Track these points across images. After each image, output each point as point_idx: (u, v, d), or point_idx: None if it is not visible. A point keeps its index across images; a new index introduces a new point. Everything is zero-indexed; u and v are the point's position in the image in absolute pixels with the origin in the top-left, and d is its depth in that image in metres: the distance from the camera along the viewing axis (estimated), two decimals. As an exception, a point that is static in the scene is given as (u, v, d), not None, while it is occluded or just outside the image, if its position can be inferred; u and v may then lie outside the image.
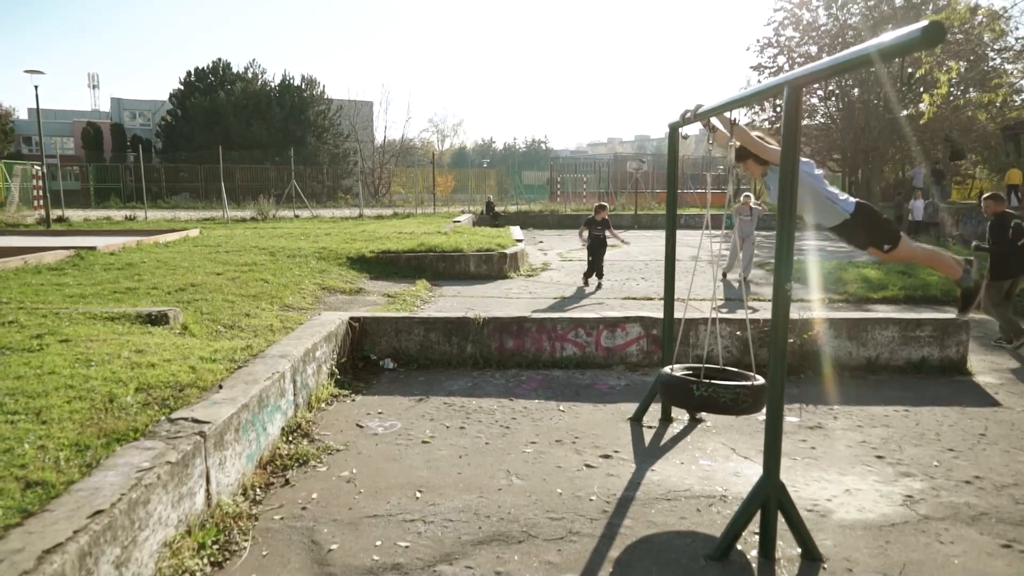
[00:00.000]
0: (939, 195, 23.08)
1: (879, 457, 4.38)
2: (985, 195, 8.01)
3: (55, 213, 21.40)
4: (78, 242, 12.04)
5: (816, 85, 33.56)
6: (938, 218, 20.18)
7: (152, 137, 49.67)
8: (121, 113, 57.82)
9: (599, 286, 11.07)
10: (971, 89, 29.22)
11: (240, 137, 42.44)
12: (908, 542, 3.31)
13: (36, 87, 19.62)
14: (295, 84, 47.64)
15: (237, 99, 44.75)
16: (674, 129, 4.93)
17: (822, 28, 33.40)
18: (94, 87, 67.21)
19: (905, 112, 30.51)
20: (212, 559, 3.03)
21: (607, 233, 11.40)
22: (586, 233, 11.27)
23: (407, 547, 3.21)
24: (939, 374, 6.34)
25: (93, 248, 10.94)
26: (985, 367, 6.61)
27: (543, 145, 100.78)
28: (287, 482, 3.89)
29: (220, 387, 4.00)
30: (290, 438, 4.46)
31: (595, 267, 11.19)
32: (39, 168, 24.19)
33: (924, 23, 2.23)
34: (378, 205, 36.46)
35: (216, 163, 27.26)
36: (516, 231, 17.42)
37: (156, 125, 50.14)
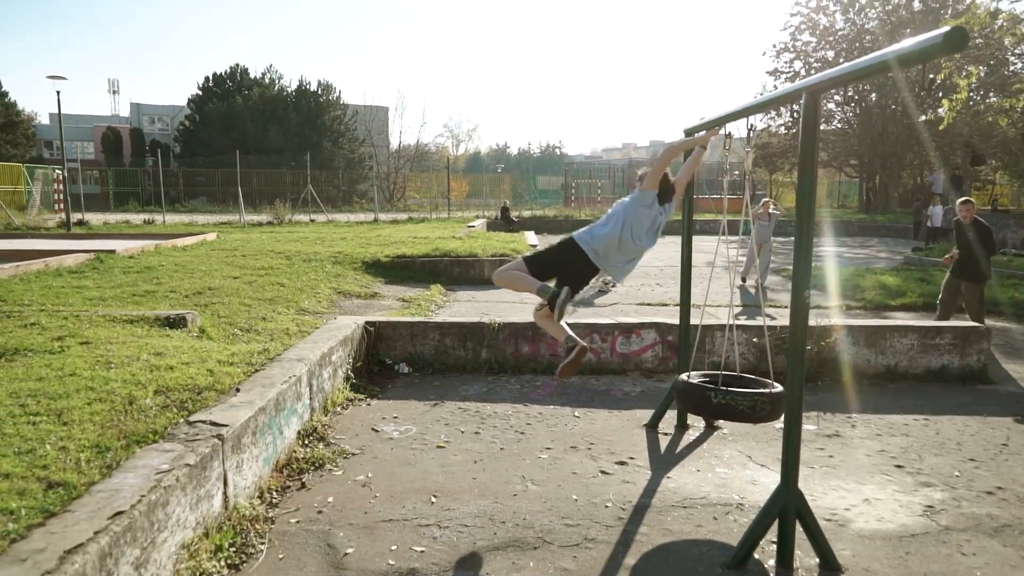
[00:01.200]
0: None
1: (899, 466, 4.33)
2: (962, 200, 8.01)
3: (75, 216, 21.68)
4: (98, 245, 12.20)
5: (833, 90, 33.38)
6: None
7: (170, 142, 50.26)
8: (140, 118, 58.54)
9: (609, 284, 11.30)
10: (991, 94, 28.92)
11: (257, 142, 42.82)
12: (929, 553, 3.27)
13: (58, 92, 19.92)
14: (311, 89, 48.02)
15: (254, 104, 45.17)
16: (689, 135, 4.92)
17: (839, 33, 33.23)
18: (114, 92, 68.12)
19: (924, 117, 30.28)
20: (229, 561, 3.05)
21: None
22: None
23: (422, 552, 3.21)
24: (960, 383, 6.27)
25: (112, 251, 11.07)
26: (1007, 376, 6.52)
27: (557, 150, 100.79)
28: (303, 485, 3.91)
29: (237, 390, 4.03)
30: (306, 441, 4.48)
31: None
32: (60, 172, 24.54)
33: (946, 28, 2.21)
34: (393, 210, 36.63)
35: (233, 167, 27.49)
36: (531, 236, 17.43)
37: (174, 130, 50.73)
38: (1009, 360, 7.08)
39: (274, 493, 3.77)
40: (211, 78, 47.61)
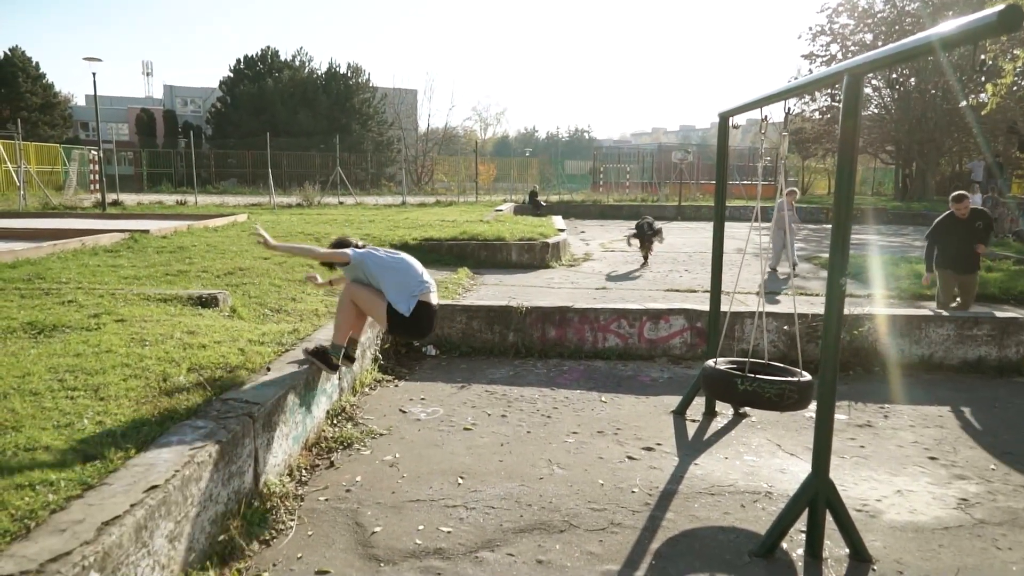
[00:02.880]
0: (999, 189, 22.20)
1: (932, 458, 4.25)
2: (955, 196, 7.33)
3: (110, 197, 22.07)
4: (132, 225, 12.41)
5: (870, 75, 32.59)
6: (997, 213, 19.42)
7: (203, 124, 50.81)
8: (173, 100, 59.28)
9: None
10: (1036, 78, 27.98)
11: (287, 124, 43.11)
12: (963, 546, 3.21)
13: (94, 74, 20.21)
14: (341, 72, 48.13)
15: (284, 87, 45.43)
16: (724, 118, 4.83)
17: (878, 15, 32.37)
18: (148, 75, 68.92)
19: (965, 103, 29.42)
20: (259, 537, 3.10)
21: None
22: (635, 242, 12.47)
23: (449, 532, 3.23)
24: (997, 374, 6.13)
25: (146, 231, 11.26)
26: (1046, 368, 6.34)
27: (586, 134, 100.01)
28: (332, 464, 3.96)
29: (268, 369, 4.08)
30: (335, 421, 4.53)
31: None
32: (96, 153, 24.96)
33: (1001, 6, 2.12)
34: (421, 193, 36.71)
35: (263, 150, 27.74)
36: (558, 221, 17.33)
37: (206, 112, 51.28)
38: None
39: (303, 471, 3.82)
40: (242, 60, 47.94)
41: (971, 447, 4.45)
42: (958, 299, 7.45)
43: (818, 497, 3.08)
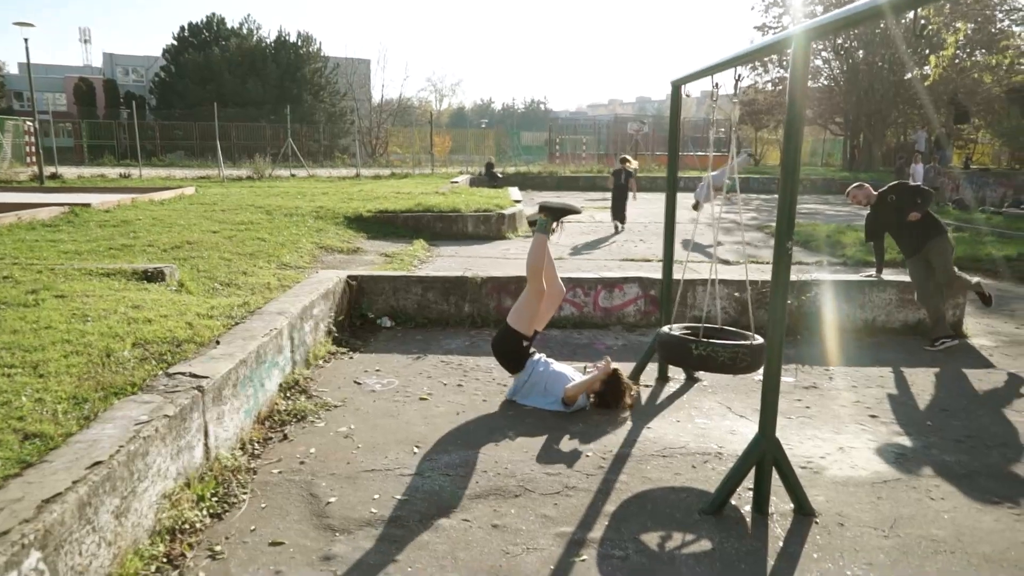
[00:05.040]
0: (942, 159, 22.90)
1: (873, 416, 4.42)
2: (854, 186, 6.80)
3: (48, 170, 21.17)
4: (72, 199, 11.94)
5: (820, 46, 33.07)
6: (939, 183, 20.06)
7: (146, 94, 48.92)
8: (114, 69, 56.81)
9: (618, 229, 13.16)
10: (978, 51, 28.81)
11: (235, 94, 41.81)
12: (900, 498, 3.36)
13: (26, 40, 19.23)
14: (291, 41, 46.75)
15: (232, 55, 43.96)
16: (676, 87, 4.85)
17: (829, -13, 32.71)
18: (86, 42, 66.25)
19: (910, 74, 30.11)
20: (211, 511, 3.06)
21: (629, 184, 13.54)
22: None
23: (405, 501, 3.24)
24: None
25: (88, 205, 10.84)
26: (981, 330, 6.63)
27: (542, 106, 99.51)
28: (285, 437, 3.92)
29: (217, 343, 4.00)
30: (288, 394, 4.48)
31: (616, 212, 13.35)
32: (31, 124, 23.86)
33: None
34: (375, 165, 36.12)
35: (211, 121, 26.90)
36: (514, 192, 17.30)
37: (149, 81, 49.35)
38: (983, 315, 7.19)
39: (256, 445, 3.77)
40: (187, 28, 46.17)
41: (910, 405, 4.64)
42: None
43: (765, 456, 3.17)
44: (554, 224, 4.58)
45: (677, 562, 2.80)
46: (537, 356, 4.60)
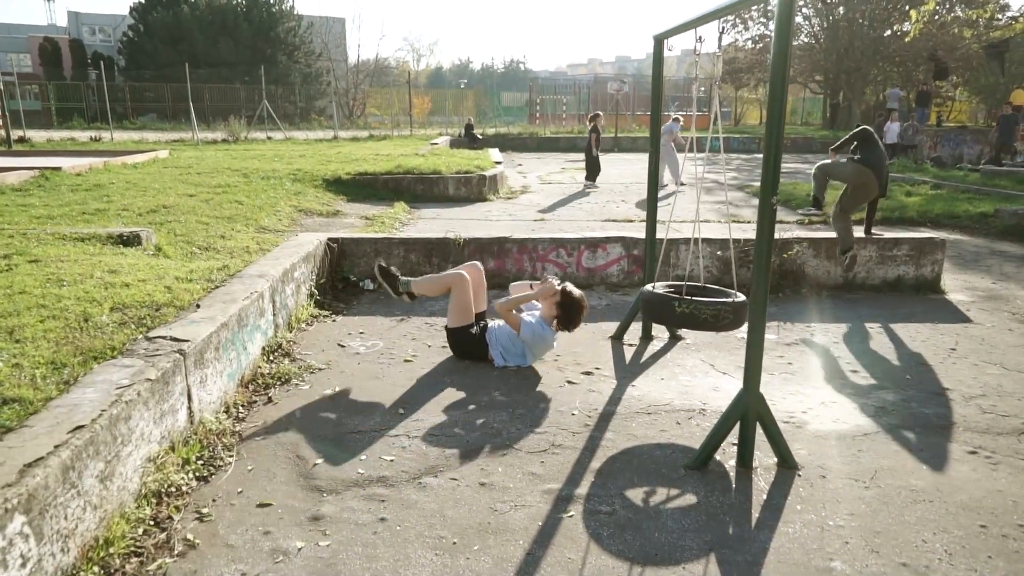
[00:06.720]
0: (920, 117, 22.96)
1: (854, 371, 4.48)
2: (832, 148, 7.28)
3: (16, 133, 20.55)
4: (42, 163, 11.61)
5: (801, 0, 32.75)
6: (916, 140, 20.14)
7: (114, 54, 47.42)
8: (80, 28, 54.95)
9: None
10: (958, 6, 28.72)
11: (207, 55, 40.64)
12: (880, 450, 3.42)
13: (-15, -2, 18.48)
14: (262, -2, 45.39)
15: (202, 14, 42.62)
16: (659, 41, 4.78)
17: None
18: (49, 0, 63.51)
19: (889, 32, 29.95)
20: (197, 474, 3.05)
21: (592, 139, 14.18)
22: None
23: (392, 461, 3.24)
24: (914, 292, 6.46)
25: (58, 169, 10.55)
26: (958, 285, 6.72)
27: (522, 66, 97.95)
28: (270, 400, 3.89)
29: (198, 306, 3.94)
30: (271, 357, 4.44)
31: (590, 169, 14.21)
32: (-5, 86, 23.05)
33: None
34: (353, 127, 35.50)
35: (183, 82, 26.15)
36: (495, 153, 17.11)
37: (117, 41, 47.79)
38: (960, 271, 7.29)
39: (240, 408, 3.75)
40: (153, -16, 44.58)
41: (889, 360, 4.71)
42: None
43: (749, 411, 3.20)
44: (384, 284, 4.75)
45: (663, 516, 2.84)
46: (492, 323, 4.63)
